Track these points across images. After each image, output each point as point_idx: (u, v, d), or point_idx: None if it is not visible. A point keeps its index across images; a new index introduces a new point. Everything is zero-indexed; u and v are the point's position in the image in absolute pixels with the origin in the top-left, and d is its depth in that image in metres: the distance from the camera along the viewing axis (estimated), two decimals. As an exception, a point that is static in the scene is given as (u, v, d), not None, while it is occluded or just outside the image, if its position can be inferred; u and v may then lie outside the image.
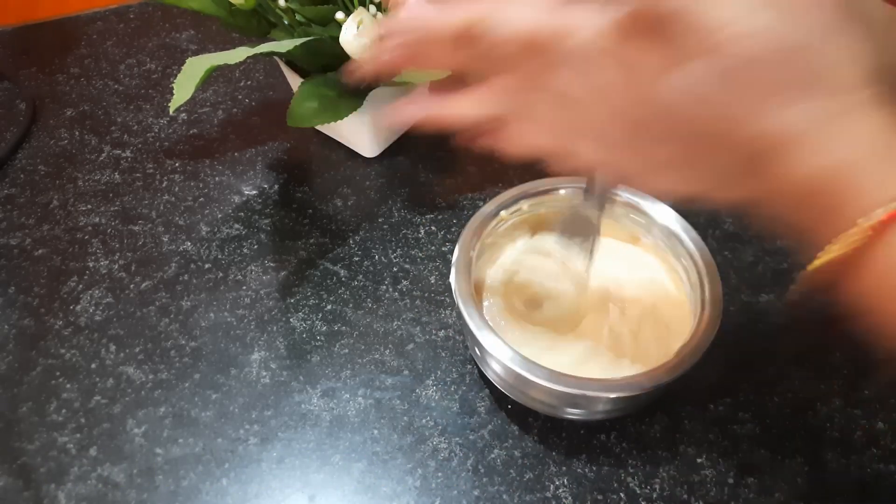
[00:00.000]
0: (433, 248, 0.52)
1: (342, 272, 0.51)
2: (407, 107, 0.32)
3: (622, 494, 0.40)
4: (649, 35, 0.24)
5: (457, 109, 0.31)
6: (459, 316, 0.39)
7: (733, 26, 0.22)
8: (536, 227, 0.47)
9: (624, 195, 0.44)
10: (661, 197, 0.39)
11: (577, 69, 0.26)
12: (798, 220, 0.26)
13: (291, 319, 0.48)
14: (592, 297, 0.43)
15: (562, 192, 0.45)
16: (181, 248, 0.52)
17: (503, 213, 0.44)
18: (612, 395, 0.37)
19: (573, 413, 0.40)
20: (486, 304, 0.43)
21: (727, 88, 0.23)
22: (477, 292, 0.40)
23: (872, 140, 0.23)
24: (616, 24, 0.25)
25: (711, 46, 0.22)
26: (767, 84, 0.23)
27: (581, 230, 0.40)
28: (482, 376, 0.45)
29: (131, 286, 0.50)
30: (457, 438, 0.42)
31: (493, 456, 0.42)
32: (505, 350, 0.37)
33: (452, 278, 0.40)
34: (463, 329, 0.45)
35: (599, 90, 0.26)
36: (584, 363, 0.41)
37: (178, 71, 0.45)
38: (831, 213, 0.24)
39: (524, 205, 0.45)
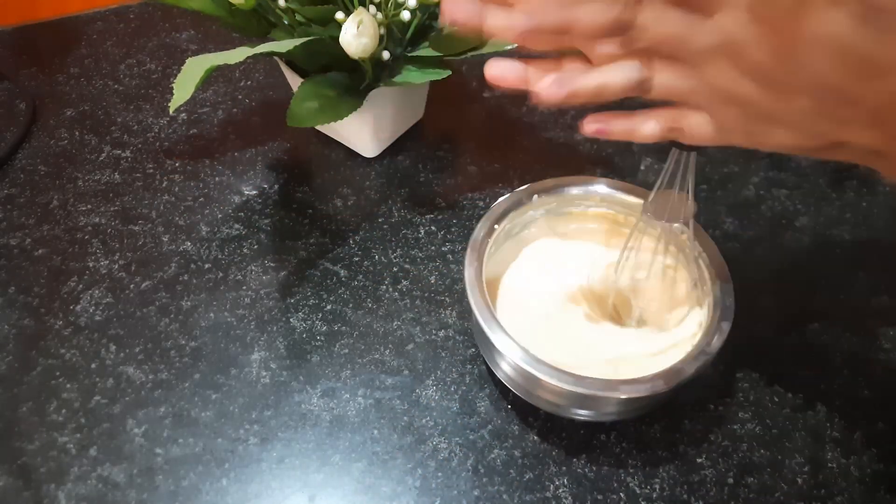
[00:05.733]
0: (433, 248, 0.52)
1: (342, 272, 0.51)
2: (545, 84, 0.30)
3: (622, 494, 0.40)
4: None
5: (606, 78, 0.29)
6: (470, 313, 0.39)
7: None
8: (550, 227, 0.47)
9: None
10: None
11: (744, 9, 0.25)
12: None
13: (291, 319, 0.48)
14: (604, 295, 0.43)
15: (573, 191, 0.45)
16: (181, 248, 0.52)
17: (512, 213, 0.44)
18: (624, 397, 0.37)
19: (581, 414, 0.40)
20: (497, 301, 0.43)
21: (869, 36, 0.22)
22: (489, 290, 0.40)
23: None
24: None
25: None
26: None
27: (674, 212, 0.38)
28: (482, 376, 0.45)
29: (131, 286, 0.50)
30: (457, 438, 0.42)
31: (493, 456, 0.42)
32: (516, 349, 0.37)
33: (465, 275, 0.40)
34: (472, 326, 0.45)
35: (736, 46, 0.26)
36: (591, 362, 0.41)
37: (178, 71, 0.45)
38: None
39: (535, 206, 0.45)
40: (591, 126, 0.32)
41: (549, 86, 0.30)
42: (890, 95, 0.24)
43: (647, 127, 0.31)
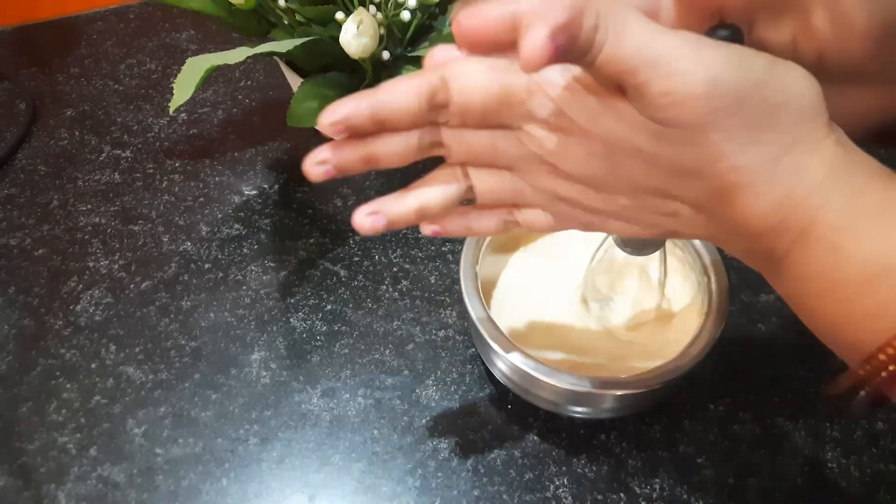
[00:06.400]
0: (433, 248, 0.52)
1: (342, 272, 0.51)
2: (361, 217, 0.29)
3: (622, 494, 0.40)
4: (611, 89, 0.24)
5: (424, 199, 0.30)
6: (466, 314, 0.39)
7: (686, 86, 0.22)
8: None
9: None
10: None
11: (550, 121, 0.26)
12: (752, 264, 0.28)
13: (291, 319, 0.48)
14: (599, 295, 0.43)
15: None
16: (181, 248, 0.52)
17: None
18: (619, 393, 0.37)
19: (578, 411, 0.40)
20: (492, 301, 0.43)
21: (686, 139, 0.24)
22: (484, 291, 0.40)
23: (821, 170, 0.24)
24: (581, 79, 0.25)
25: (668, 103, 0.23)
26: (723, 132, 0.23)
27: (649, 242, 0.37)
28: (482, 376, 0.45)
29: (131, 286, 0.50)
30: (457, 438, 0.42)
31: (493, 456, 0.42)
32: (511, 348, 0.37)
33: (460, 276, 0.40)
34: (469, 327, 0.45)
35: (573, 140, 0.26)
36: (587, 359, 0.41)
37: (178, 71, 0.45)
38: (778, 259, 0.25)
39: None
40: (427, 228, 0.32)
41: (367, 216, 0.29)
42: (704, 192, 0.25)
43: (481, 224, 0.31)
